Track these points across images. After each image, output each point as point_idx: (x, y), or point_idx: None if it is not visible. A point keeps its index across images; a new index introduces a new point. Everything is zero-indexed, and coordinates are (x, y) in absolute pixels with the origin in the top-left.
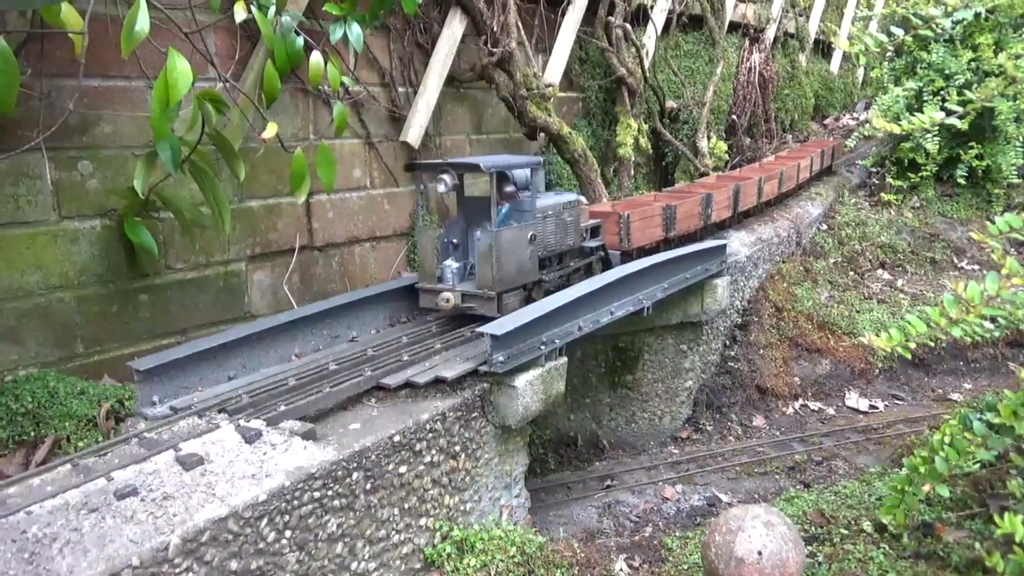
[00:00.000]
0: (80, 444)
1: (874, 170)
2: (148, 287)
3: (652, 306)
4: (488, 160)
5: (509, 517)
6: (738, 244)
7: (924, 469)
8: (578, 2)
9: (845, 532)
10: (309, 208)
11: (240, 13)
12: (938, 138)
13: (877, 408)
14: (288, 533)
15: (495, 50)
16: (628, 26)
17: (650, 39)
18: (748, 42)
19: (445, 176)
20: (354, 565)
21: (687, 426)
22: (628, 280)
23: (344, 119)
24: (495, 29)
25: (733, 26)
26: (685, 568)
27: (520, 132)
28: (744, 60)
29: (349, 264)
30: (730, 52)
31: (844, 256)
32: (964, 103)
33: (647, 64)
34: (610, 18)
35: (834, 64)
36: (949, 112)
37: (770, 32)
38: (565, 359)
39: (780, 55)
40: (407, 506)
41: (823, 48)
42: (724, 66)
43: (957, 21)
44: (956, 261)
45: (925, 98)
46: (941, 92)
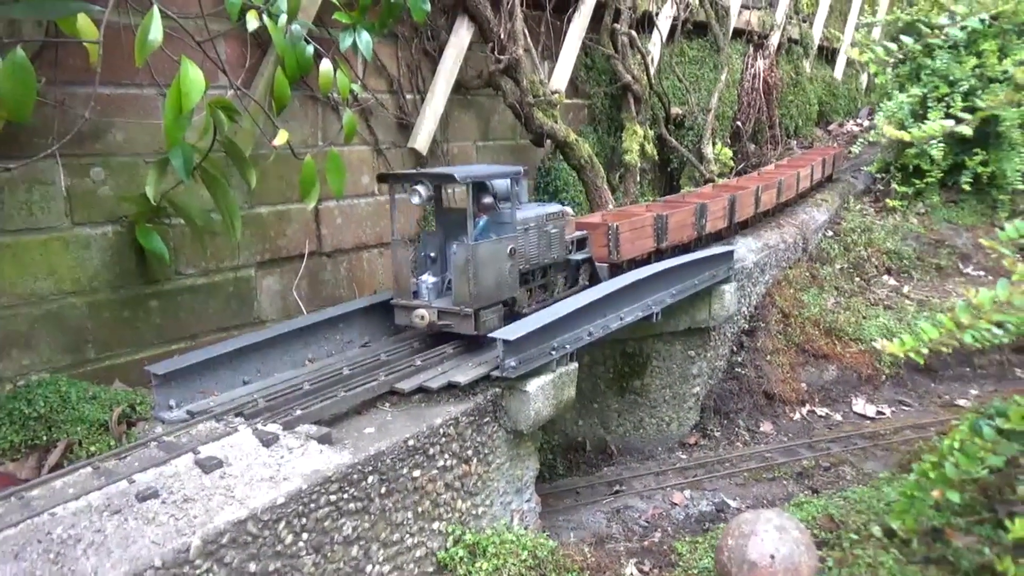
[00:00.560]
0: (92, 448)
1: (879, 176)
2: (159, 293)
3: (661, 312)
4: (464, 170)
5: (520, 521)
6: (745, 250)
7: (934, 474)
8: (584, 9)
9: (855, 537)
10: (318, 214)
11: (252, 22)
12: (943, 144)
13: (884, 414)
14: (305, 536)
15: (502, 57)
16: (633, 33)
17: (655, 46)
18: (752, 48)
19: (419, 187)
20: (368, 568)
21: (695, 432)
22: (637, 286)
23: (353, 126)
24: (502, 36)
25: (737, 33)
26: (696, 572)
27: (527, 139)
28: (749, 66)
29: (357, 270)
30: (735, 59)
31: (850, 262)
32: (973, 110)
33: (652, 71)
34: (616, 25)
35: (838, 70)
36: (959, 120)
37: (774, 38)
38: (576, 364)
39: (784, 61)
40: (420, 510)
41: (827, 54)
42: (729, 73)
43: (964, 27)
44: (962, 267)
45: (929, 104)
46: (945, 98)
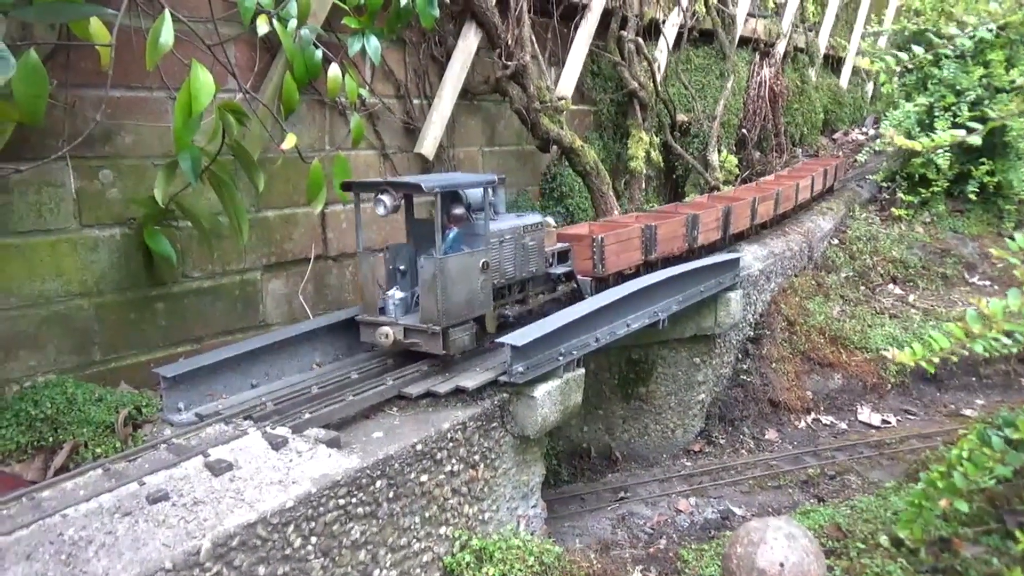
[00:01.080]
0: (98, 450)
1: (885, 185)
2: (165, 295)
3: (667, 319)
4: (432, 179)
5: (526, 527)
6: (751, 258)
7: (942, 484)
8: (591, 16)
9: (862, 546)
10: (324, 218)
11: (263, 26)
12: (949, 154)
13: (889, 423)
14: (313, 539)
15: (509, 63)
16: (640, 40)
17: (662, 53)
18: (759, 57)
19: (384, 197)
20: (376, 572)
21: (700, 439)
22: (644, 293)
23: (361, 131)
24: (509, 43)
25: (744, 41)
26: None
27: (533, 144)
28: (754, 74)
29: None
30: (741, 66)
31: (855, 271)
32: (982, 120)
33: (659, 78)
34: (622, 32)
35: (843, 79)
36: (970, 130)
37: (780, 47)
38: (583, 370)
39: (790, 69)
40: (428, 515)
41: (832, 63)
42: (735, 80)
43: (971, 36)
44: (967, 277)
45: (936, 114)
46: (952, 108)
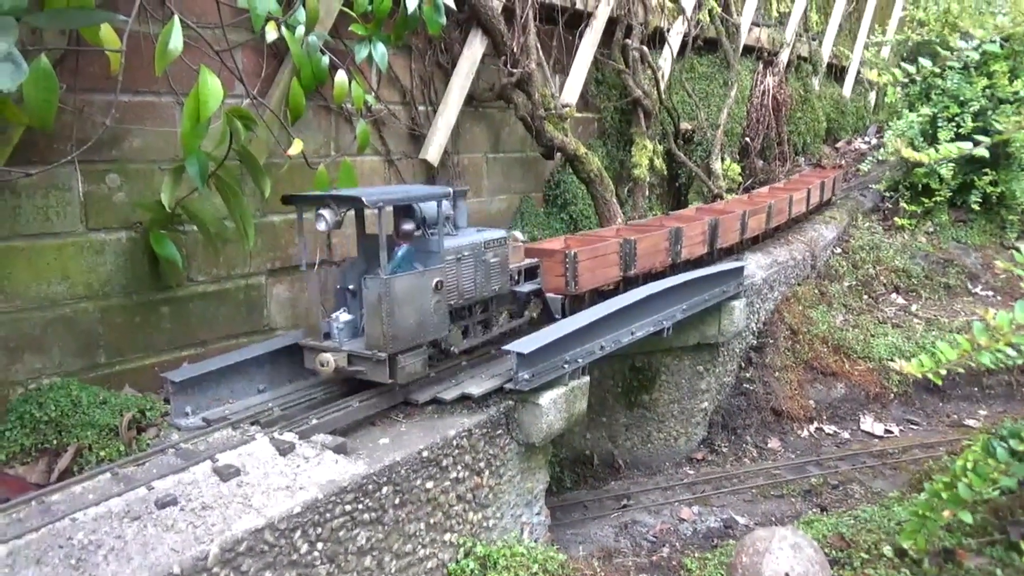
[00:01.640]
0: (102, 453)
1: (888, 194)
2: (170, 299)
3: (671, 327)
4: (376, 193)
5: (530, 534)
6: (754, 266)
7: (946, 494)
8: (596, 24)
9: (865, 556)
10: None
11: (271, 33)
12: (952, 164)
13: (892, 432)
14: (320, 545)
15: (514, 71)
16: (644, 48)
17: (666, 61)
18: (762, 65)
19: (325, 212)
20: None
21: (702, 447)
22: (649, 301)
23: (367, 137)
24: (515, 50)
25: (747, 49)
26: None
27: (537, 151)
28: (758, 83)
29: None
30: (744, 75)
31: (858, 280)
32: (986, 131)
33: (663, 86)
34: (627, 40)
35: (846, 88)
36: (976, 142)
37: (784, 56)
38: (587, 378)
39: (793, 78)
40: (433, 521)
41: (836, 72)
42: (738, 89)
43: (977, 48)
44: (970, 287)
45: (939, 124)
46: (955, 118)
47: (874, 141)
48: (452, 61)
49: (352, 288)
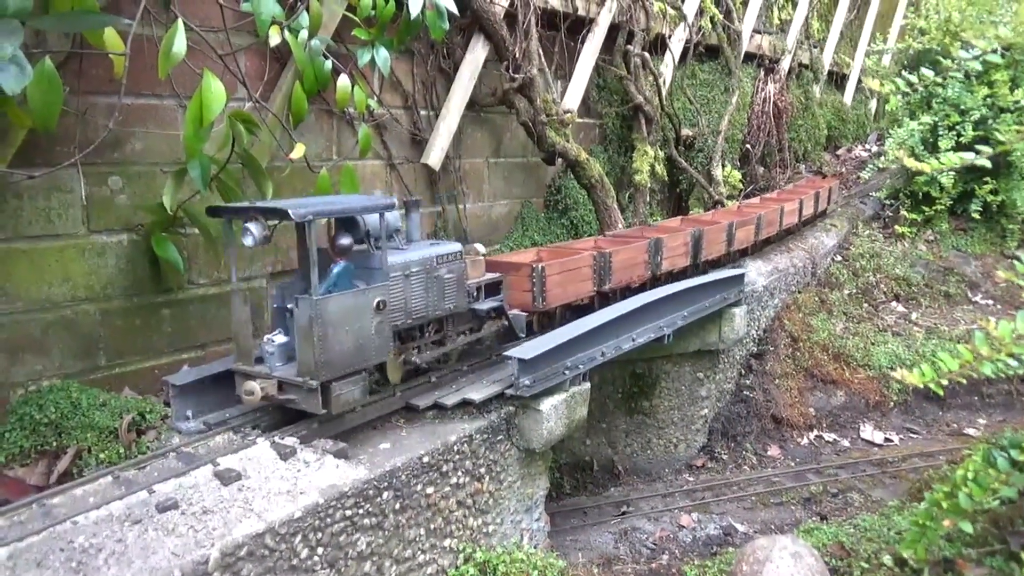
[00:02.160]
0: (101, 456)
1: (888, 202)
2: (171, 302)
3: (672, 334)
4: (306, 204)
5: (530, 540)
6: (755, 274)
7: (946, 504)
8: (598, 31)
9: (865, 566)
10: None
11: (274, 37)
12: (953, 173)
13: (892, 441)
14: (320, 550)
15: (516, 76)
16: (646, 55)
17: (667, 68)
18: (763, 72)
19: (252, 226)
20: None
21: (702, 454)
22: (650, 308)
23: (369, 141)
24: (517, 56)
25: (749, 56)
26: None
27: (538, 157)
28: (759, 90)
29: None
30: (745, 82)
31: (859, 288)
32: (987, 140)
33: (664, 92)
34: (629, 47)
35: (847, 95)
36: (978, 153)
37: (785, 63)
38: (588, 384)
39: (794, 86)
40: (433, 527)
41: (837, 79)
42: (739, 96)
43: (978, 57)
44: (970, 295)
45: (940, 132)
46: (956, 127)
47: (875, 148)
48: (454, 66)
49: (291, 307)
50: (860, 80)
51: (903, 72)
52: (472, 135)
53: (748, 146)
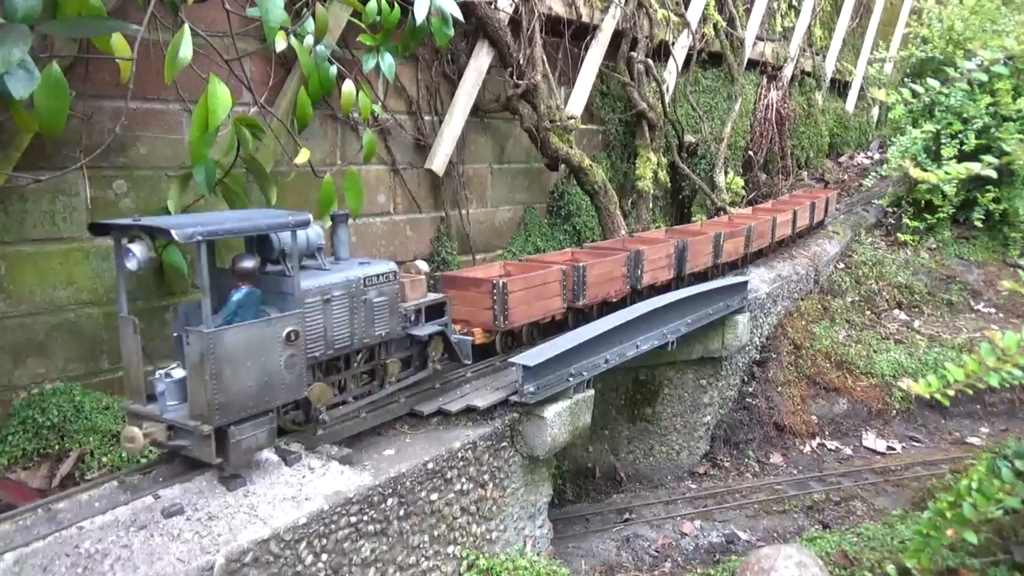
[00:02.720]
0: (104, 459)
1: (890, 210)
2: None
3: (676, 341)
4: (195, 222)
5: (533, 547)
6: (758, 281)
7: (950, 514)
8: (601, 37)
9: (869, 574)
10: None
11: (280, 42)
12: (955, 180)
13: (895, 449)
14: (324, 557)
15: (520, 82)
16: (650, 61)
17: (671, 75)
18: (766, 79)
19: (135, 246)
20: None
21: (704, 461)
22: (653, 315)
23: (373, 146)
24: (521, 62)
25: (752, 64)
26: None
27: (541, 162)
28: (762, 97)
29: None
30: (748, 89)
31: (861, 295)
32: (989, 148)
33: (667, 99)
34: (632, 53)
35: (849, 103)
36: (984, 163)
37: (788, 70)
38: (592, 391)
39: (797, 93)
40: (437, 533)
41: (839, 87)
42: (742, 103)
43: (980, 65)
44: (973, 304)
45: (943, 140)
46: (959, 135)
47: (877, 156)
48: (458, 72)
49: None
50: (862, 88)
51: (906, 81)
52: (476, 141)
53: (751, 153)
